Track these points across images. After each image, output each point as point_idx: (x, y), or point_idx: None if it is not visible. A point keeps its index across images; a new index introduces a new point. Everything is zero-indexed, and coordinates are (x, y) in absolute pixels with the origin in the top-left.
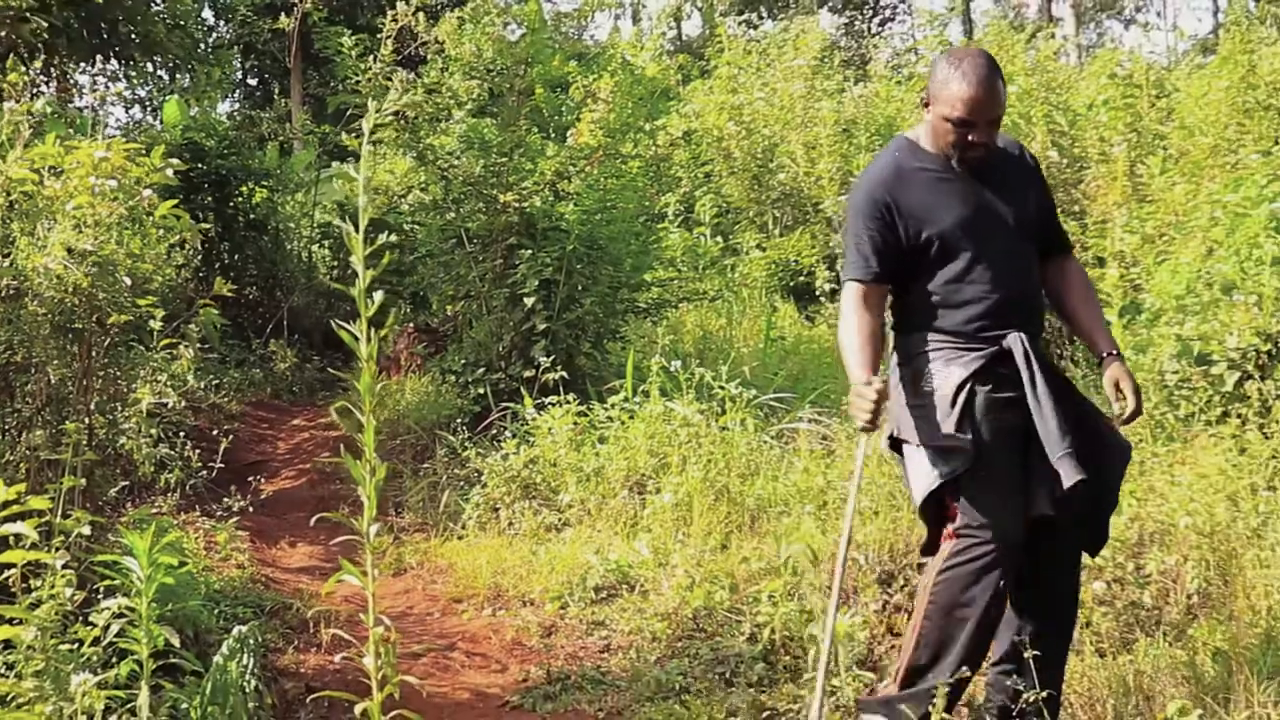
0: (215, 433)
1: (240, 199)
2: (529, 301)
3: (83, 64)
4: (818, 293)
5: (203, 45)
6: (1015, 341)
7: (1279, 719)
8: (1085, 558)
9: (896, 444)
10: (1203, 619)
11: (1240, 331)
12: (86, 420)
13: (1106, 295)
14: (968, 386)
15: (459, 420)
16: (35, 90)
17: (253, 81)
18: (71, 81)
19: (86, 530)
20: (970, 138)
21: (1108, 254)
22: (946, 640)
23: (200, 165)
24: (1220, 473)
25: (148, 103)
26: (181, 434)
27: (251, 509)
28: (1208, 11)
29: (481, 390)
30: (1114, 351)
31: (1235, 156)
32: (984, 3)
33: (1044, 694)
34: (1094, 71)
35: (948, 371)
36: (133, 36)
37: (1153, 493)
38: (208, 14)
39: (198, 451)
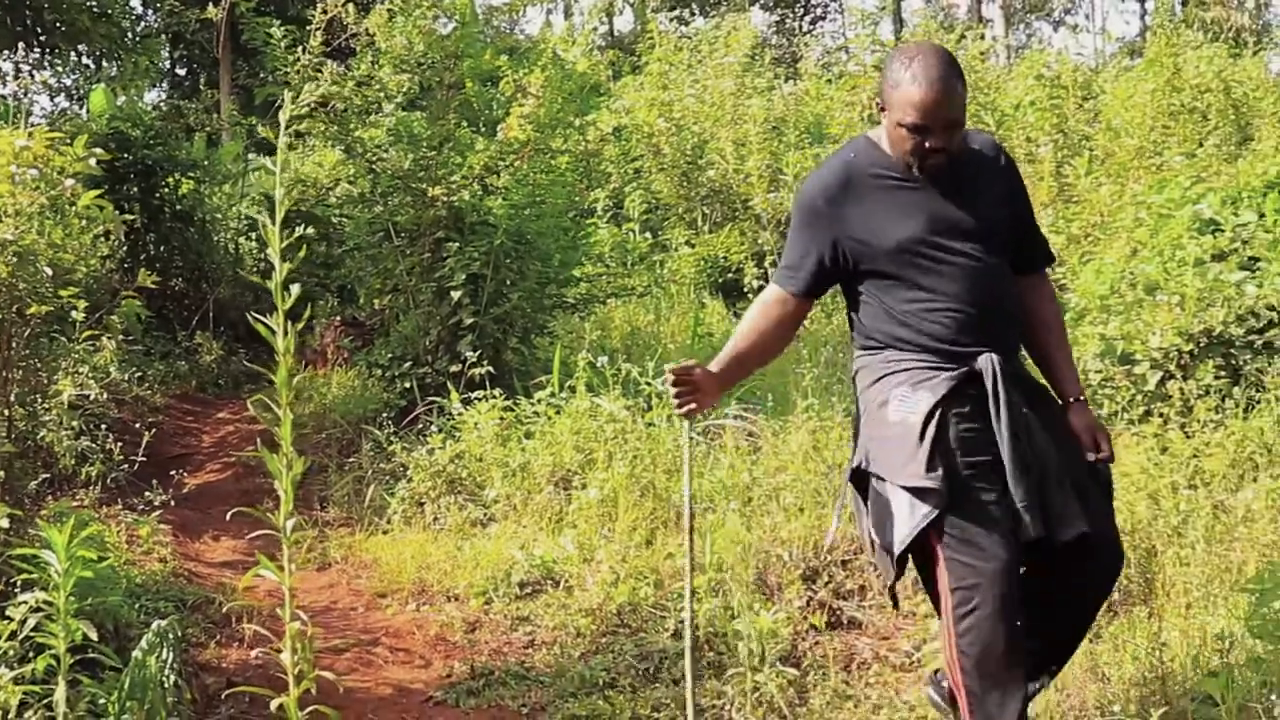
0: (138, 425)
1: (166, 190)
2: (456, 295)
3: (6, 51)
4: (746, 289)
5: (130, 34)
6: (986, 364)
7: (1196, 715)
8: None
9: (862, 476)
10: (1123, 616)
11: (1163, 331)
12: (6, 412)
13: None
14: (938, 414)
15: (385, 414)
16: None
17: (181, 71)
18: None
19: (5, 523)
20: (927, 144)
21: None
22: (997, 682)
23: (126, 155)
24: (1142, 471)
25: (74, 91)
26: (104, 426)
27: (174, 503)
28: (1135, 15)
29: (408, 384)
30: (1080, 397)
31: (1160, 158)
32: (915, 2)
33: None
34: (1022, 72)
35: (915, 397)
36: (58, 24)
37: None
38: (135, 2)
39: (120, 444)
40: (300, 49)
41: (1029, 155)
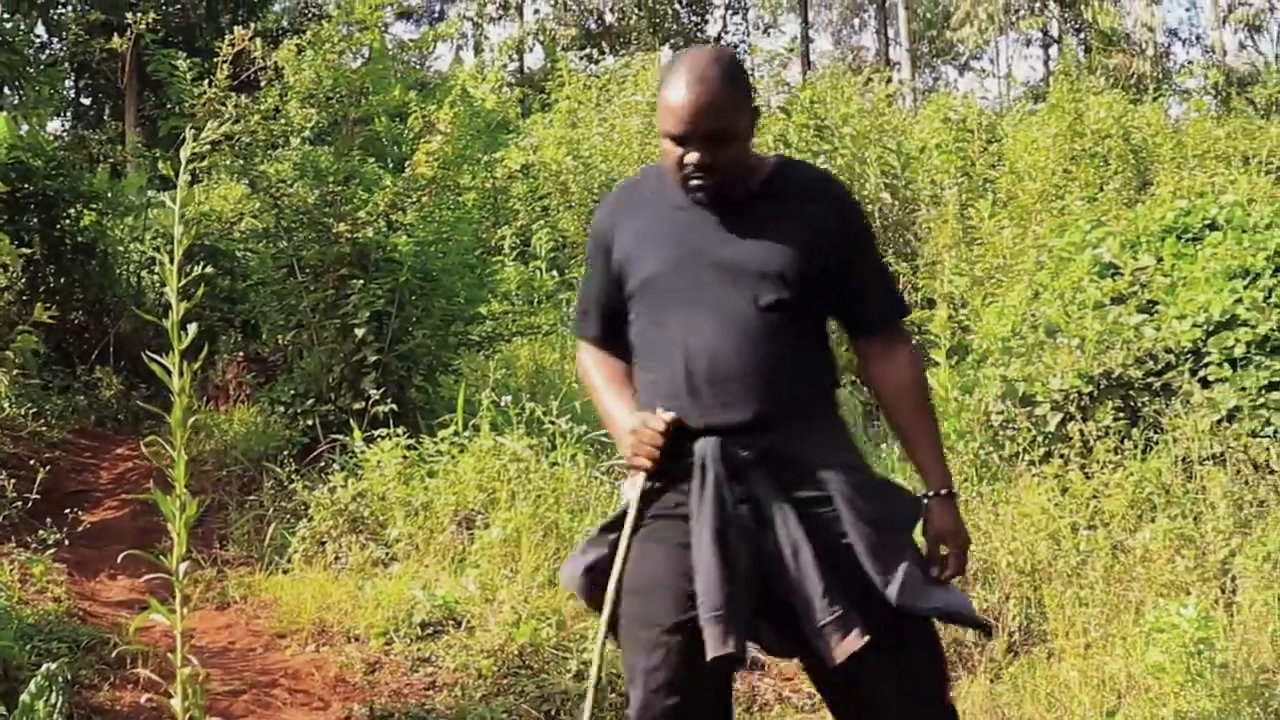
0: (34, 462)
1: (68, 221)
2: (360, 333)
3: None
4: None
5: (33, 62)
6: (700, 452)
7: None
8: None
9: None
10: (1023, 657)
11: (1063, 374)
12: None
13: (935, 336)
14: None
15: (287, 452)
16: None
17: (86, 101)
18: None
19: None
20: (686, 158)
21: (937, 295)
22: None
23: (26, 185)
24: (1042, 512)
25: None
26: None
27: (70, 540)
28: (1039, 60)
29: (310, 422)
30: (942, 490)
31: (1061, 202)
32: (824, 44)
33: None
34: (928, 115)
35: (628, 485)
36: None
37: (976, 530)
38: (40, 30)
39: (14, 481)
40: (206, 81)
41: (934, 197)
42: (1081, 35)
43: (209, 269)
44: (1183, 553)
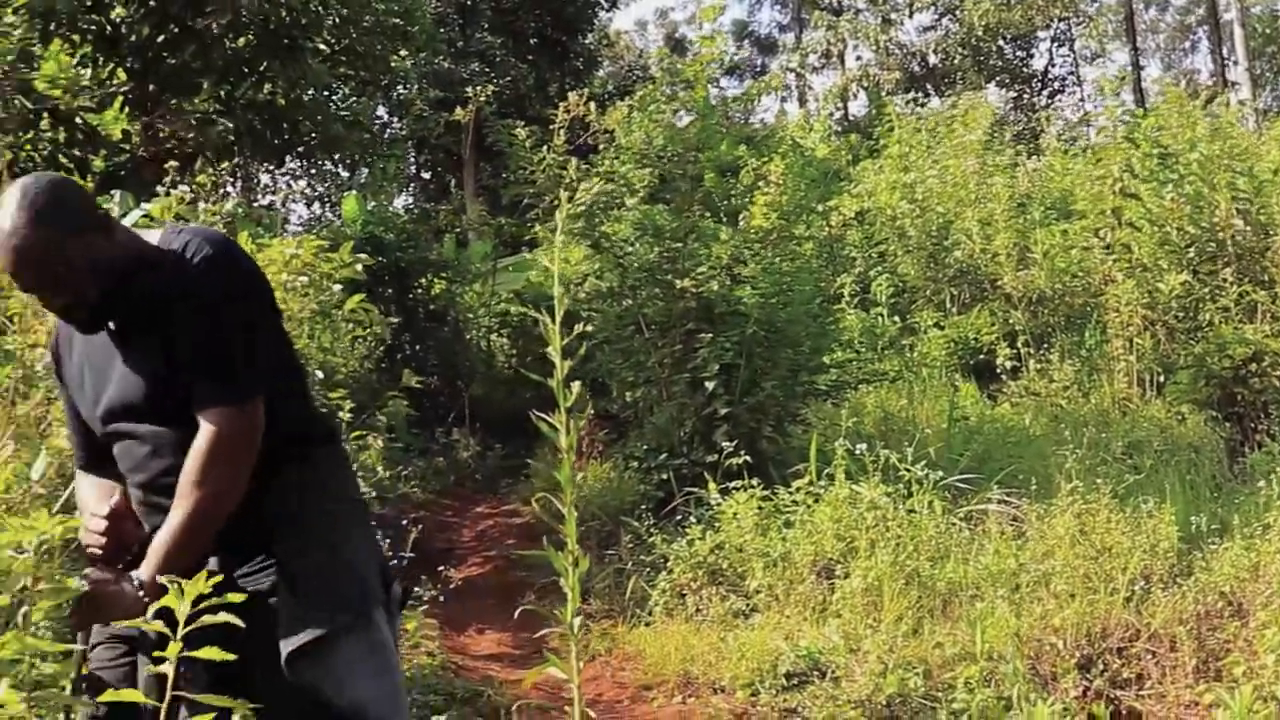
0: (405, 522)
1: (420, 290)
2: (710, 386)
3: (266, 163)
4: (999, 370)
5: (379, 140)
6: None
7: None
8: None
9: None
10: None
11: None
12: None
13: None
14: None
15: (643, 506)
16: (223, 190)
17: (426, 175)
18: (255, 181)
19: None
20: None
21: None
22: None
23: (380, 258)
24: None
25: (327, 198)
26: (371, 524)
27: (442, 597)
28: None
29: (664, 476)
30: (144, 578)
31: None
32: (1154, 69)
33: None
34: (1276, 135)
35: None
36: (313, 135)
37: None
38: (382, 110)
39: (387, 541)
40: (545, 148)
41: None
42: None
43: (583, 329)
44: None
